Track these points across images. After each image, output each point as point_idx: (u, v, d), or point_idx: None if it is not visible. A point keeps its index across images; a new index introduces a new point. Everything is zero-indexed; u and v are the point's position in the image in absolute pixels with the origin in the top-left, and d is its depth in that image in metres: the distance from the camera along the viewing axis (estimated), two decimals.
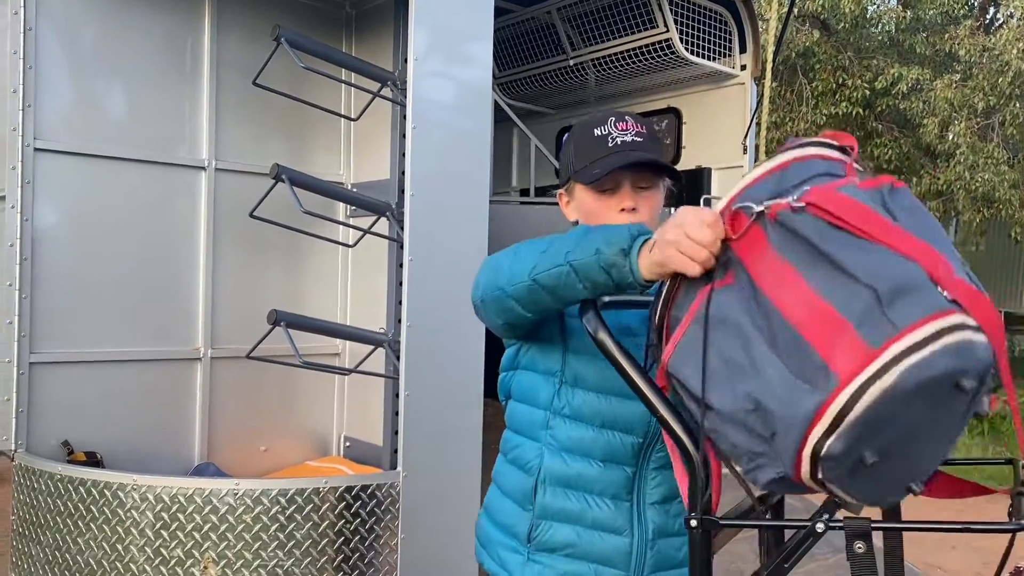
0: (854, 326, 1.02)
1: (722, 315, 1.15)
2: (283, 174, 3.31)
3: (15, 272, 3.26)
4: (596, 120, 1.71)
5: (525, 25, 5.89)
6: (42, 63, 3.33)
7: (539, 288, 1.44)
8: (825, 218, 1.08)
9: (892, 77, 10.58)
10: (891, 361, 1.00)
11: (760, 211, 1.13)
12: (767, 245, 1.13)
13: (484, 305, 1.60)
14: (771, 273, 1.11)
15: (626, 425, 1.61)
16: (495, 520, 1.74)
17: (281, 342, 3.28)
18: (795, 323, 1.07)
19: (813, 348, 1.05)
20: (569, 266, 1.37)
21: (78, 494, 3.02)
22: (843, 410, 1.02)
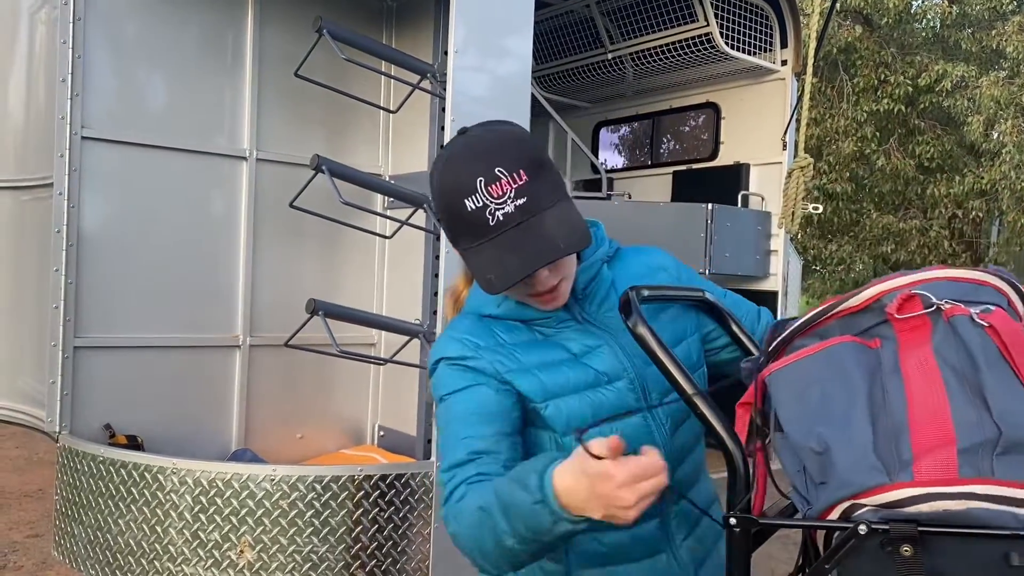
0: (957, 449, 1.01)
1: (847, 364, 1.14)
2: (323, 165, 3.34)
3: (62, 258, 3.33)
4: (461, 186, 1.30)
5: (563, 19, 5.87)
6: (89, 53, 3.40)
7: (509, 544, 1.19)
8: (996, 343, 1.07)
9: (936, 74, 10.39)
10: (969, 494, 0.99)
11: (939, 307, 1.12)
12: (927, 339, 1.12)
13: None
14: (918, 363, 1.10)
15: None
16: None
17: (318, 331, 3.31)
18: (912, 406, 1.06)
19: (910, 441, 1.04)
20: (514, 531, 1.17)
21: (119, 476, 3.08)
22: (899, 501, 1.02)
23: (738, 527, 1.24)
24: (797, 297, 5.36)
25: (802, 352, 1.19)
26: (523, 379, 1.42)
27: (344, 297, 3.94)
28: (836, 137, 11.06)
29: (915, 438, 1.04)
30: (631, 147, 7.56)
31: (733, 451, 1.26)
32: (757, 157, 5.48)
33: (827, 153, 11.16)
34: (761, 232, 5.15)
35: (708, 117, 6.02)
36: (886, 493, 1.03)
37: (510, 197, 1.31)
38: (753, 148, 5.50)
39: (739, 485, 1.25)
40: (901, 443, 1.04)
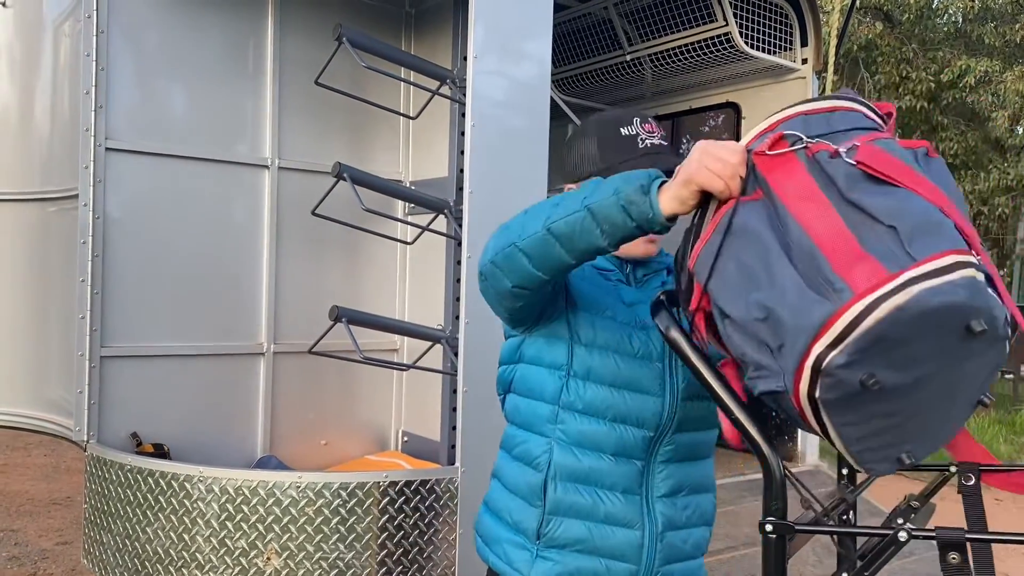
0: (873, 255, 1.05)
1: (743, 226, 1.17)
2: (345, 172, 3.35)
3: (87, 268, 3.35)
4: (619, 118, 1.67)
5: (581, 21, 5.86)
6: (113, 65, 3.43)
7: (553, 239, 1.38)
8: (862, 169, 1.11)
9: (959, 69, 10.28)
10: (906, 282, 1.01)
11: (804, 145, 1.16)
12: (800, 169, 1.16)
13: (493, 268, 1.50)
14: (799, 191, 1.14)
15: (638, 419, 1.59)
16: (500, 517, 1.70)
17: (341, 338, 3.32)
18: (815, 238, 1.09)
19: (829, 264, 1.07)
20: (586, 210, 1.33)
21: (147, 485, 3.10)
22: (852, 323, 1.02)
23: (774, 533, 1.23)
24: None
25: (702, 240, 1.22)
26: (581, 283, 1.65)
27: (366, 303, 3.94)
28: None
29: (833, 261, 1.07)
30: None
31: (769, 458, 1.24)
32: None
33: None
34: None
35: (728, 117, 5.98)
36: (838, 320, 1.03)
37: (656, 136, 1.67)
38: None
39: (775, 492, 1.23)
40: (824, 271, 1.07)
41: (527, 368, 1.69)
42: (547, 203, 1.44)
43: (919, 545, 1.21)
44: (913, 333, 1.03)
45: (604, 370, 1.59)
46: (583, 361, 1.61)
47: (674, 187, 1.25)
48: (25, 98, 3.87)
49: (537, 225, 1.41)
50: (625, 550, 1.60)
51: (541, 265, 1.43)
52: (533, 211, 1.46)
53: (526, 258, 1.43)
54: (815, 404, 1.10)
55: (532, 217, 1.44)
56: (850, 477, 1.65)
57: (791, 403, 1.13)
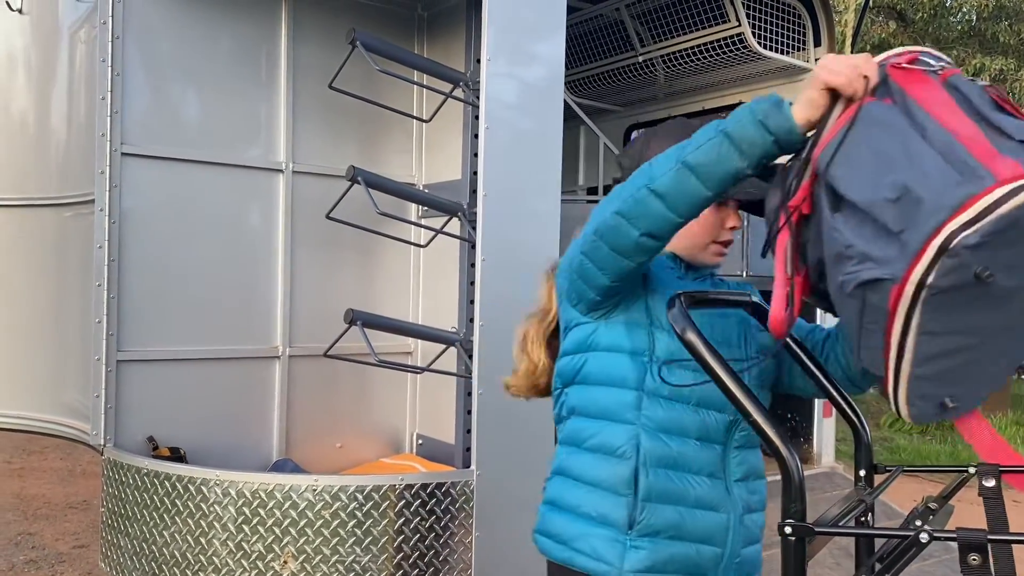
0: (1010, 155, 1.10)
1: (878, 118, 1.22)
2: (359, 176, 3.36)
3: (104, 273, 3.38)
4: (694, 123, 1.72)
5: (593, 23, 5.86)
6: (128, 71, 3.45)
7: (689, 171, 1.38)
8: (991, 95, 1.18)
9: (974, 68, 10.21)
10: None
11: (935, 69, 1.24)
12: (937, 86, 1.22)
13: (619, 219, 1.47)
14: (935, 100, 1.20)
15: (720, 403, 1.58)
16: (579, 513, 1.66)
17: (356, 341, 3.32)
18: (954, 134, 1.14)
19: (969, 153, 1.11)
20: (722, 135, 1.36)
21: (163, 488, 3.11)
22: (992, 205, 1.06)
23: (793, 535, 1.22)
24: None
25: (829, 132, 1.26)
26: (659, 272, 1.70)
27: (381, 306, 3.95)
28: None
29: (971, 149, 1.11)
30: None
31: (788, 459, 1.23)
32: None
33: None
34: None
35: None
36: (979, 200, 1.07)
37: None
38: None
39: (794, 494, 1.22)
40: (965, 159, 1.11)
41: (604, 356, 1.67)
42: (666, 152, 1.45)
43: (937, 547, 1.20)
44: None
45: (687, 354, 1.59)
46: (666, 346, 1.61)
47: (803, 94, 1.32)
48: (42, 104, 3.90)
49: (668, 164, 1.42)
50: (714, 533, 1.62)
51: (676, 203, 1.42)
52: (657, 160, 1.47)
53: (659, 199, 1.42)
54: (917, 297, 1.13)
55: (657, 164, 1.45)
56: (868, 479, 1.65)
57: (886, 301, 1.17)
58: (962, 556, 1.10)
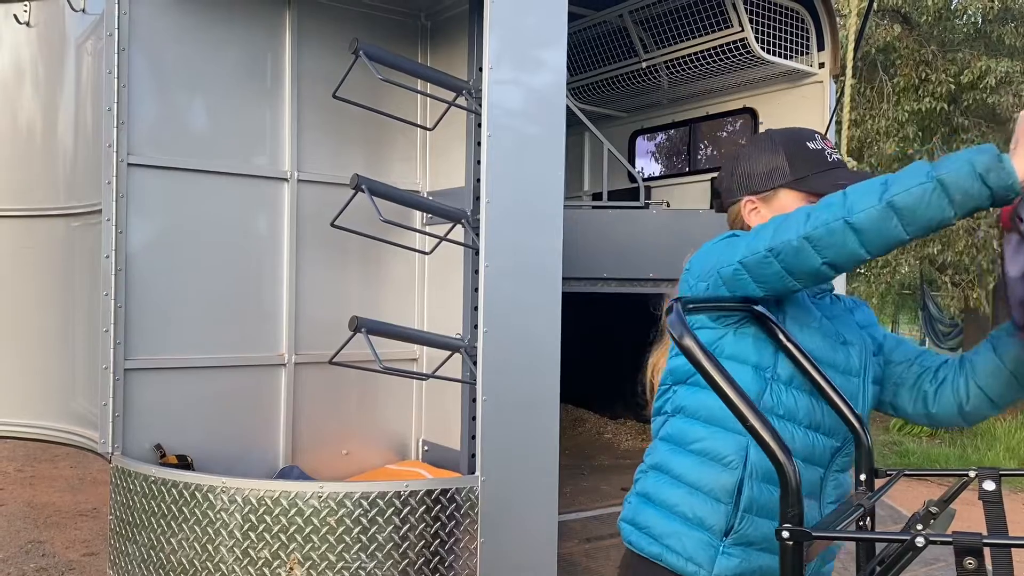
0: None
1: None
2: (363, 184, 3.38)
3: (111, 282, 3.40)
4: (801, 133, 1.79)
5: (596, 29, 5.88)
6: (134, 81, 3.48)
7: (893, 213, 1.37)
8: None
9: (979, 70, 10.18)
10: None
11: None
12: None
13: (805, 243, 1.47)
14: None
15: (830, 428, 1.66)
16: (675, 512, 1.70)
17: (361, 348, 3.34)
18: None
19: None
20: (936, 182, 1.34)
21: (171, 496, 3.13)
22: None
23: (791, 539, 1.23)
24: None
25: None
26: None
27: (386, 313, 3.97)
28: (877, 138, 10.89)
29: None
30: (668, 155, 7.52)
31: (784, 464, 1.24)
32: None
33: (868, 155, 10.99)
34: None
35: (746, 122, 5.97)
36: None
37: (835, 150, 1.80)
38: None
39: (791, 498, 1.23)
40: None
41: (726, 364, 1.66)
42: (868, 185, 1.44)
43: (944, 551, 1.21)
44: None
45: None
46: (787, 366, 1.65)
47: (1020, 147, 1.33)
48: (49, 115, 3.94)
49: (871, 200, 1.40)
50: None
51: (871, 241, 1.41)
52: (851, 192, 1.46)
53: (855, 234, 1.41)
54: None
55: (856, 197, 1.43)
56: (868, 483, 1.65)
57: None
58: (958, 560, 1.11)
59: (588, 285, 4.45)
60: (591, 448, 5.98)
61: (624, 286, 4.51)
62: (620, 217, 4.58)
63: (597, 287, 4.48)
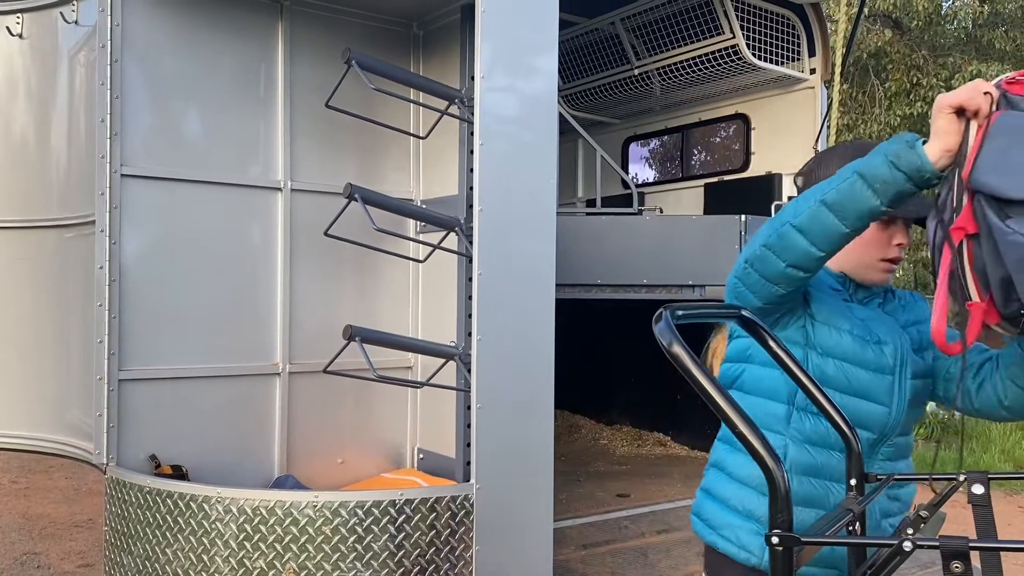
0: None
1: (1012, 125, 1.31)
2: (356, 193, 3.39)
3: (105, 293, 3.41)
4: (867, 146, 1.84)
5: (588, 37, 5.91)
6: (127, 93, 3.49)
7: (827, 209, 1.50)
8: None
9: (970, 74, 10.25)
10: None
11: None
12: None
13: (765, 251, 1.61)
14: None
15: (864, 423, 1.74)
16: (729, 506, 1.86)
17: (356, 356, 3.35)
18: None
19: None
20: (856, 175, 1.46)
21: (165, 506, 3.13)
22: None
23: (780, 545, 1.24)
24: None
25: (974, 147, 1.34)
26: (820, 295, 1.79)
27: (380, 322, 3.97)
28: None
29: None
30: (661, 161, 7.55)
31: (773, 469, 1.25)
32: (789, 167, 5.45)
33: None
34: None
35: (738, 128, 6.00)
36: None
37: None
38: (785, 158, 5.47)
39: (780, 503, 1.24)
40: None
41: (759, 369, 1.83)
42: (813, 188, 1.58)
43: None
44: None
45: (837, 378, 1.75)
46: (818, 367, 1.75)
47: (933, 127, 1.39)
48: (42, 126, 3.94)
49: (809, 202, 1.54)
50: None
51: (816, 238, 1.53)
52: (801, 198, 1.59)
53: (801, 234, 1.54)
54: None
55: (801, 200, 1.57)
56: (858, 488, 1.66)
57: None
58: (945, 564, 1.12)
59: (582, 292, 4.47)
60: (587, 454, 5.99)
61: (618, 292, 4.52)
62: (614, 224, 4.60)
63: (591, 293, 4.50)
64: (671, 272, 4.55)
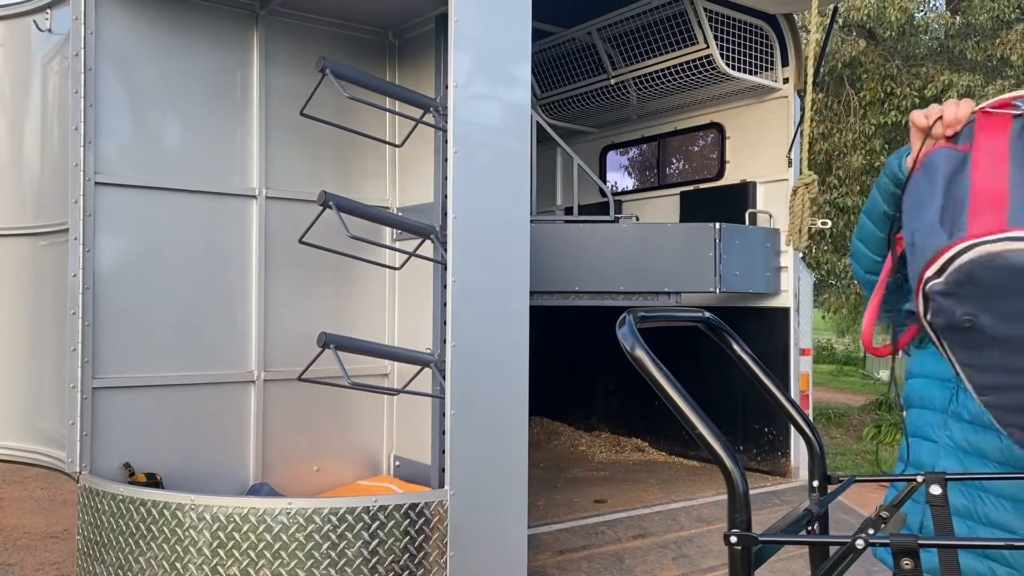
0: (1008, 211, 1.20)
1: (930, 164, 1.37)
2: (330, 201, 3.39)
3: (78, 301, 3.39)
4: None
5: (566, 46, 5.95)
6: (101, 101, 3.49)
7: (865, 218, 1.74)
8: None
9: (942, 84, 10.38)
10: (1010, 238, 1.17)
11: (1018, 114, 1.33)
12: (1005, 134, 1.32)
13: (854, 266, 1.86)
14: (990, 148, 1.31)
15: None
16: None
17: (332, 364, 3.35)
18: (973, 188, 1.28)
19: (969, 211, 1.24)
20: (875, 186, 1.69)
21: (139, 514, 3.12)
22: (953, 257, 1.20)
23: (739, 544, 1.26)
24: (809, 313, 5.35)
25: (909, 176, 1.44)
26: None
27: (356, 329, 3.98)
28: (845, 151, 11.06)
29: (973, 209, 1.24)
30: (638, 170, 7.61)
31: (731, 470, 1.27)
32: (763, 175, 5.51)
33: (836, 167, 11.15)
34: (770, 249, 5.16)
35: (713, 137, 6.06)
36: (946, 253, 1.22)
37: None
38: (759, 166, 5.53)
39: (738, 503, 1.26)
40: (961, 216, 1.24)
41: (916, 380, 1.89)
42: None
43: None
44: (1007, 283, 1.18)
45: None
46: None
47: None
48: (15, 134, 3.93)
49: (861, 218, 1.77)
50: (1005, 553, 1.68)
51: (867, 243, 1.76)
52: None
53: (861, 244, 1.79)
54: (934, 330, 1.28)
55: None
56: (820, 488, 1.69)
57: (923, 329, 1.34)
58: (896, 560, 1.15)
59: (560, 299, 4.50)
60: (565, 460, 6.01)
61: (595, 299, 4.55)
62: (591, 231, 4.63)
63: (569, 300, 4.53)
64: (647, 279, 4.59)
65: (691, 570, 4.00)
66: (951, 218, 1.26)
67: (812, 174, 4.15)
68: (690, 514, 4.62)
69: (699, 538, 4.35)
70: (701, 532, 4.44)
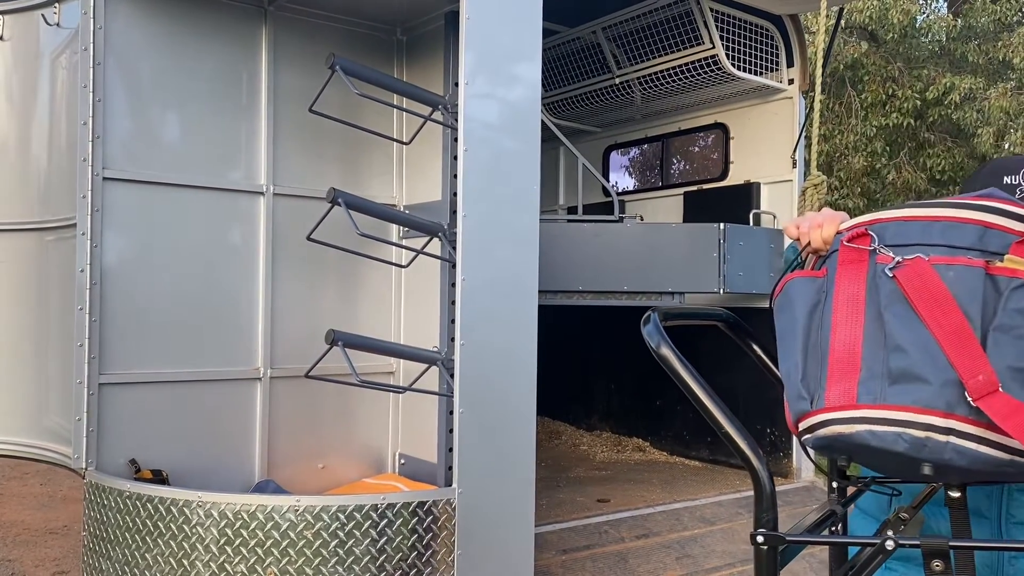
0: (859, 379, 1.22)
1: (790, 294, 1.36)
2: (339, 198, 3.39)
3: (85, 296, 3.38)
4: (1007, 166, 1.78)
5: (571, 45, 5.95)
6: (109, 96, 3.47)
7: None
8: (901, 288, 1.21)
9: (944, 87, 10.41)
10: (858, 419, 1.20)
11: (872, 250, 1.28)
12: (862, 275, 1.28)
13: None
14: (848, 294, 1.28)
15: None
16: None
17: (338, 361, 3.34)
18: (832, 344, 1.27)
19: (828, 372, 1.25)
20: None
21: (146, 511, 3.11)
22: (814, 426, 1.25)
23: (765, 544, 1.26)
24: None
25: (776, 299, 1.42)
26: None
27: (363, 327, 3.97)
28: (846, 153, 11.08)
29: (831, 368, 1.25)
30: (641, 169, 7.61)
31: (759, 470, 1.27)
32: (767, 175, 5.51)
33: (838, 169, 11.17)
34: (774, 250, 5.16)
35: (717, 137, 6.06)
36: (808, 419, 1.26)
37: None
38: (763, 167, 5.53)
39: (765, 503, 1.26)
40: (823, 372, 1.26)
41: None
42: None
43: None
44: (862, 455, 1.25)
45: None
46: None
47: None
48: (23, 129, 3.91)
49: None
50: None
51: None
52: None
53: None
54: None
55: None
56: (840, 490, 1.69)
57: None
58: (926, 562, 1.15)
59: (564, 298, 4.49)
60: (567, 460, 6.01)
61: (599, 299, 4.55)
62: (595, 231, 4.63)
63: (573, 300, 4.52)
64: (651, 279, 4.58)
65: (695, 570, 4.00)
66: (814, 370, 1.28)
67: (821, 175, 4.15)
68: (693, 514, 4.63)
69: (702, 538, 4.36)
70: (704, 532, 4.44)
